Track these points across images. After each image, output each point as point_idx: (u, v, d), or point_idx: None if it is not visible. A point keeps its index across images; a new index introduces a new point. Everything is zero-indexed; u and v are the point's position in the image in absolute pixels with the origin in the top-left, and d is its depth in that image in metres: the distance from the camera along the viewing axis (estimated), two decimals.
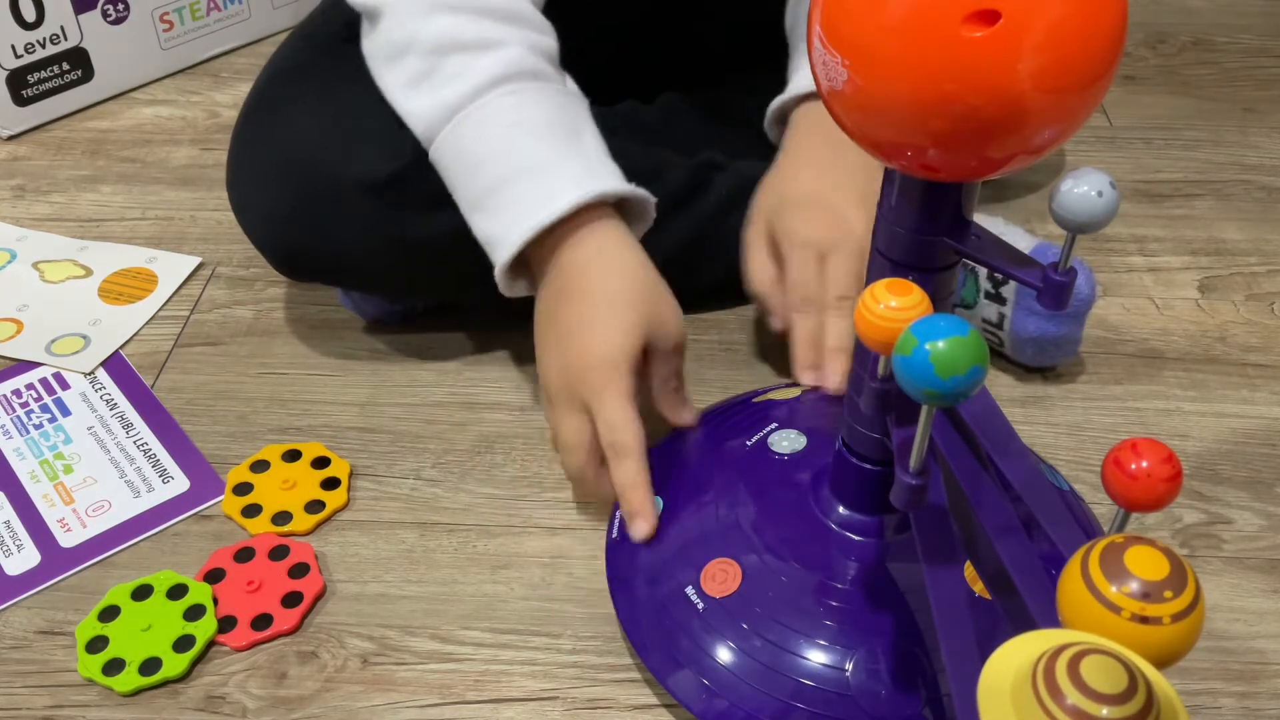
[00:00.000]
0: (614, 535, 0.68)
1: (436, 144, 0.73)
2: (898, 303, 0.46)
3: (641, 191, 0.72)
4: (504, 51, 0.72)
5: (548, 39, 0.75)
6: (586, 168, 0.71)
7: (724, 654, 0.60)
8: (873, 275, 0.55)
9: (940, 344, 0.40)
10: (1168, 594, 0.34)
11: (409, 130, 0.74)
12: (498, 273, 0.71)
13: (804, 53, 0.83)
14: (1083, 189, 0.46)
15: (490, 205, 0.71)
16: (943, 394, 0.40)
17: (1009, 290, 0.81)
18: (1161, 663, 0.35)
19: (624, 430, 0.67)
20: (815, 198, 0.76)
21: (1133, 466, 0.39)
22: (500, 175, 0.71)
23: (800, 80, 0.82)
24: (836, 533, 0.63)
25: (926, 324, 0.40)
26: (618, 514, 0.68)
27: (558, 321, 0.70)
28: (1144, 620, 0.34)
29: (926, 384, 0.40)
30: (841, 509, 0.63)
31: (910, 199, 0.51)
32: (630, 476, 0.66)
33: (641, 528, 0.66)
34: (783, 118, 0.84)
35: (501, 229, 0.70)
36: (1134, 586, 0.34)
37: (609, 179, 0.71)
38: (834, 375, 0.73)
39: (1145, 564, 0.35)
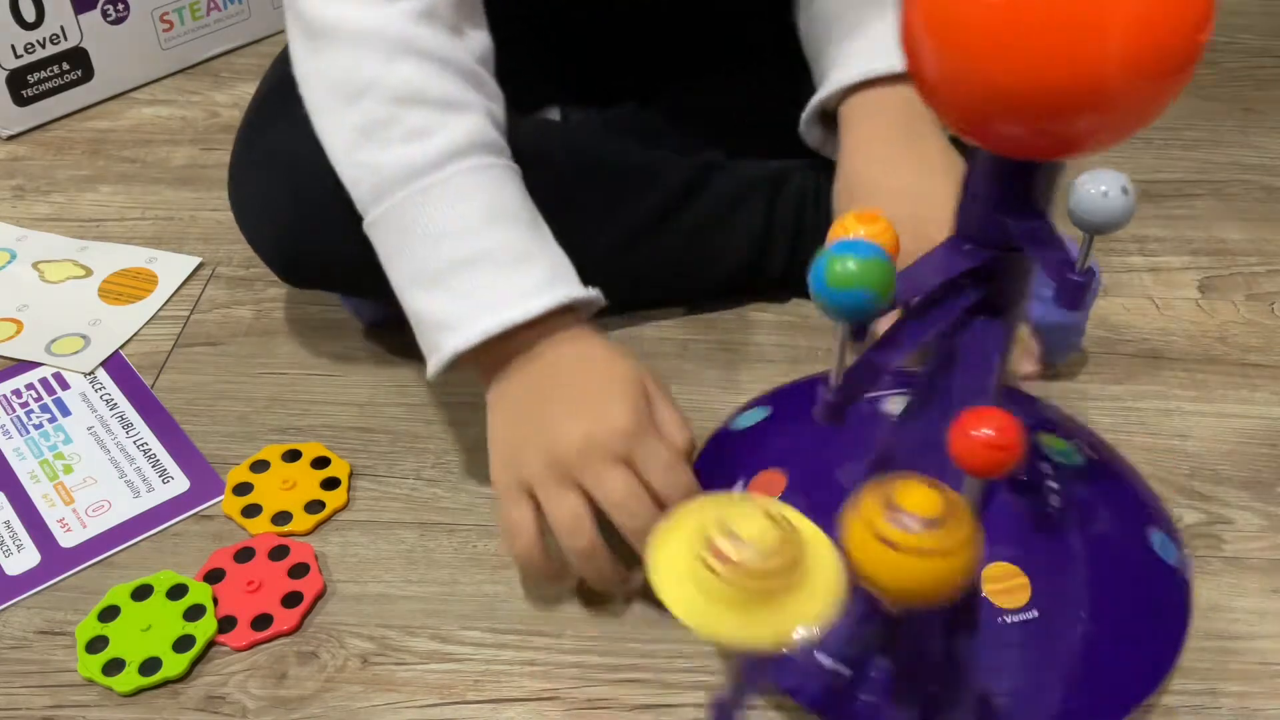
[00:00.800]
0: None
1: (390, 204, 0.68)
2: (865, 231, 0.47)
3: (598, 294, 0.69)
4: (468, 118, 0.69)
5: (500, 109, 0.72)
6: (554, 266, 0.68)
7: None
8: (940, 249, 0.55)
9: (839, 256, 0.43)
10: (941, 529, 0.37)
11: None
12: (441, 356, 0.67)
13: (837, 51, 0.80)
14: (1100, 189, 0.46)
15: (450, 285, 0.67)
16: (826, 302, 0.43)
17: None
18: (937, 593, 0.37)
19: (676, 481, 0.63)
20: (903, 190, 0.73)
21: (973, 433, 0.40)
22: (466, 255, 0.67)
23: (841, 74, 0.79)
24: None
25: (850, 244, 0.43)
26: None
27: (545, 411, 0.65)
28: (920, 553, 0.37)
29: (818, 289, 0.43)
30: None
31: (983, 172, 0.51)
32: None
33: None
34: (824, 116, 0.82)
35: (462, 313, 0.66)
36: (910, 522, 0.37)
37: (575, 282, 0.69)
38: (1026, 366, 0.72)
39: (920, 501, 0.37)
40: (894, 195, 0.72)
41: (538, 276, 0.67)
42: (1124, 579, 0.62)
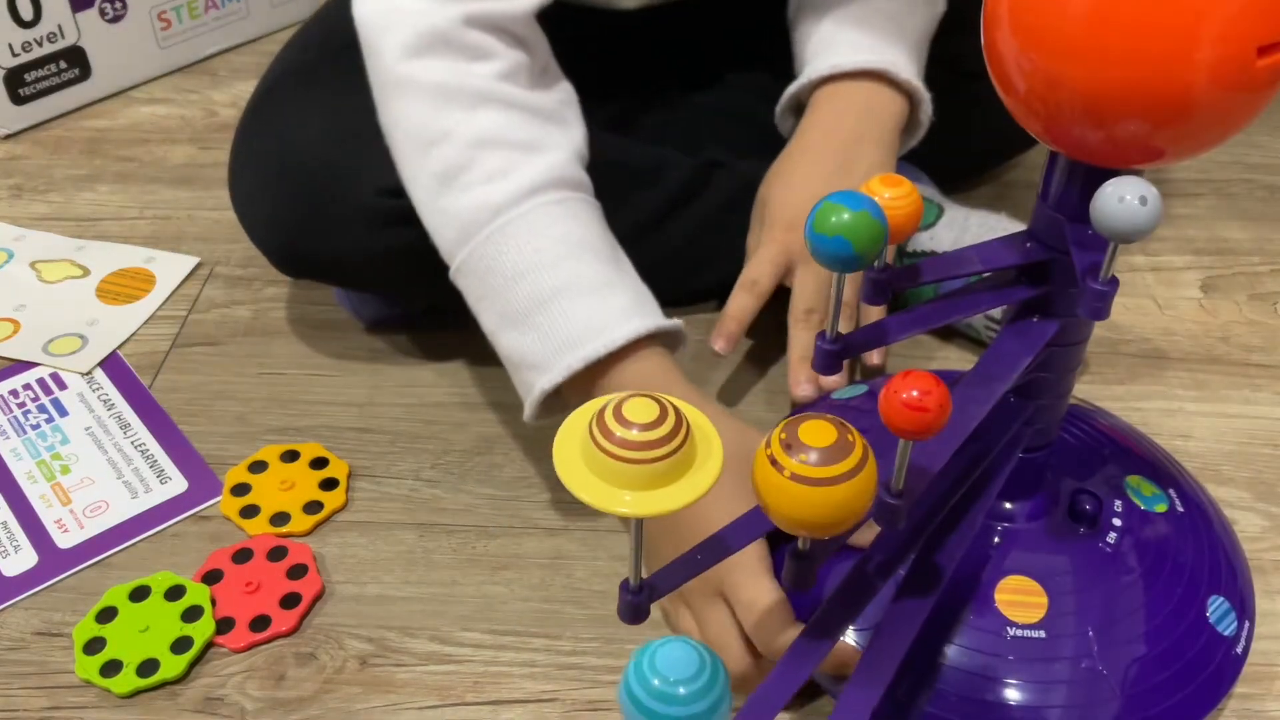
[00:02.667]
0: None
1: (472, 247, 0.67)
2: (891, 194, 0.48)
3: (680, 324, 0.69)
4: (548, 156, 0.68)
5: (584, 146, 0.72)
6: (637, 296, 0.68)
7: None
8: (1000, 240, 0.56)
9: (834, 204, 0.44)
10: (842, 453, 0.39)
11: None
12: (533, 398, 0.66)
13: (817, 39, 0.82)
14: (1125, 196, 0.45)
15: (532, 323, 0.66)
16: (812, 246, 0.45)
17: None
18: (832, 520, 0.40)
19: (780, 604, 0.59)
20: (806, 199, 0.76)
21: (904, 395, 0.40)
22: (546, 291, 0.65)
23: (814, 65, 0.80)
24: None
25: (849, 196, 0.45)
26: None
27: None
28: (814, 482, 0.39)
29: (807, 232, 0.45)
30: (1001, 504, 0.63)
31: (1058, 176, 0.52)
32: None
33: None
34: (797, 107, 0.83)
35: (546, 351, 0.65)
36: (807, 455, 0.39)
37: (656, 312, 0.68)
38: (807, 387, 0.74)
39: (816, 435, 0.39)
40: (794, 190, 0.76)
41: (617, 307, 0.66)
42: (1157, 633, 0.60)
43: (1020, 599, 0.60)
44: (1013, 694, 0.58)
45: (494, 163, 0.67)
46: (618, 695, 0.40)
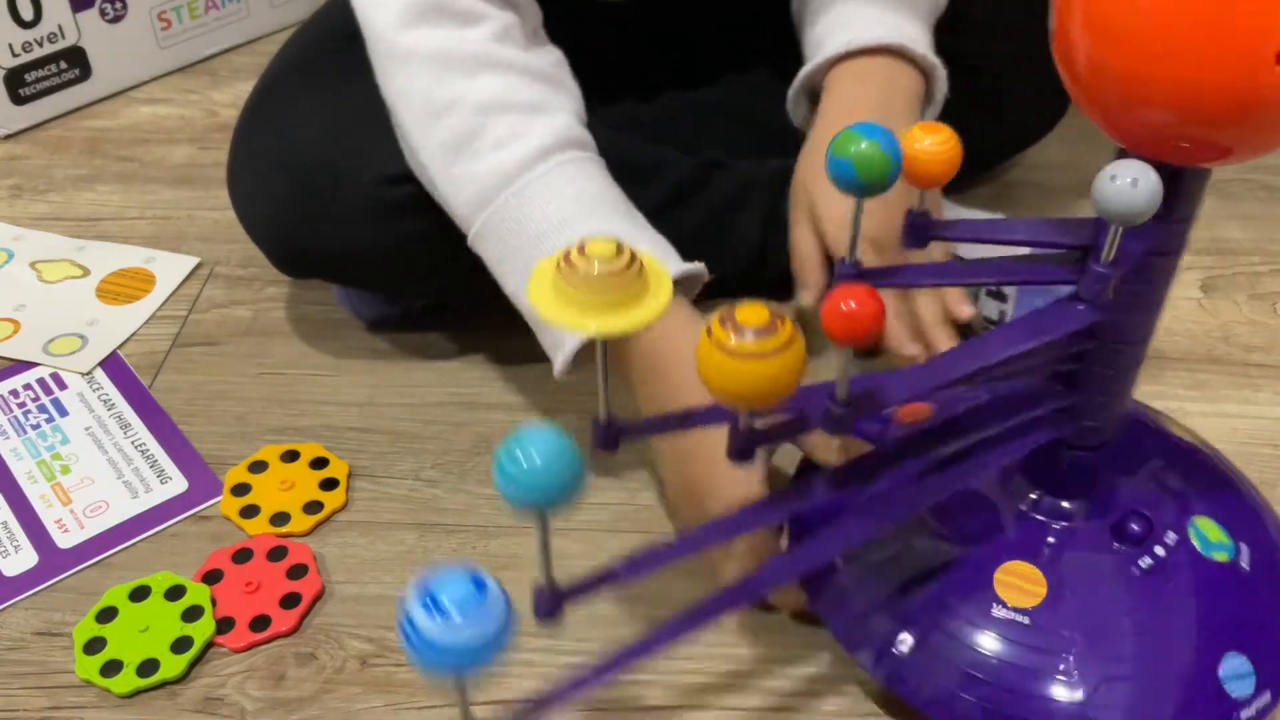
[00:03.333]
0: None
1: (489, 213, 0.68)
2: (931, 140, 0.50)
3: (701, 267, 0.70)
4: (555, 117, 0.69)
5: (581, 108, 0.73)
6: (656, 246, 0.69)
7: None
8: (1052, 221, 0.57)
9: (856, 132, 0.48)
10: (773, 331, 0.44)
11: None
12: (565, 353, 0.67)
13: (827, 20, 0.81)
14: (1123, 179, 0.46)
15: None
16: (829, 167, 0.49)
17: (1010, 288, 0.81)
18: (766, 390, 0.45)
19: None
20: None
21: (841, 306, 0.44)
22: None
23: (829, 44, 0.79)
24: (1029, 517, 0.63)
25: (872, 128, 0.48)
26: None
27: (677, 451, 0.67)
28: (748, 356, 0.44)
29: (829, 154, 0.48)
30: (1049, 499, 0.63)
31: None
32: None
33: None
34: (809, 93, 0.82)
35: None
36: (744, 334, 0.44)
37: (676, 258, 0.69)
38: (945, 344, 0.73)
39: (750, 316, 0.44)
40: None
41: None
42: (1147, 662, 0.59)
43: (1020, 583, 0.60)
44: (980, 664, 0.59)
45: (503, 128, 0.68)
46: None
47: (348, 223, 0.76)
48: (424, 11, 0.68)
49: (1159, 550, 0.62)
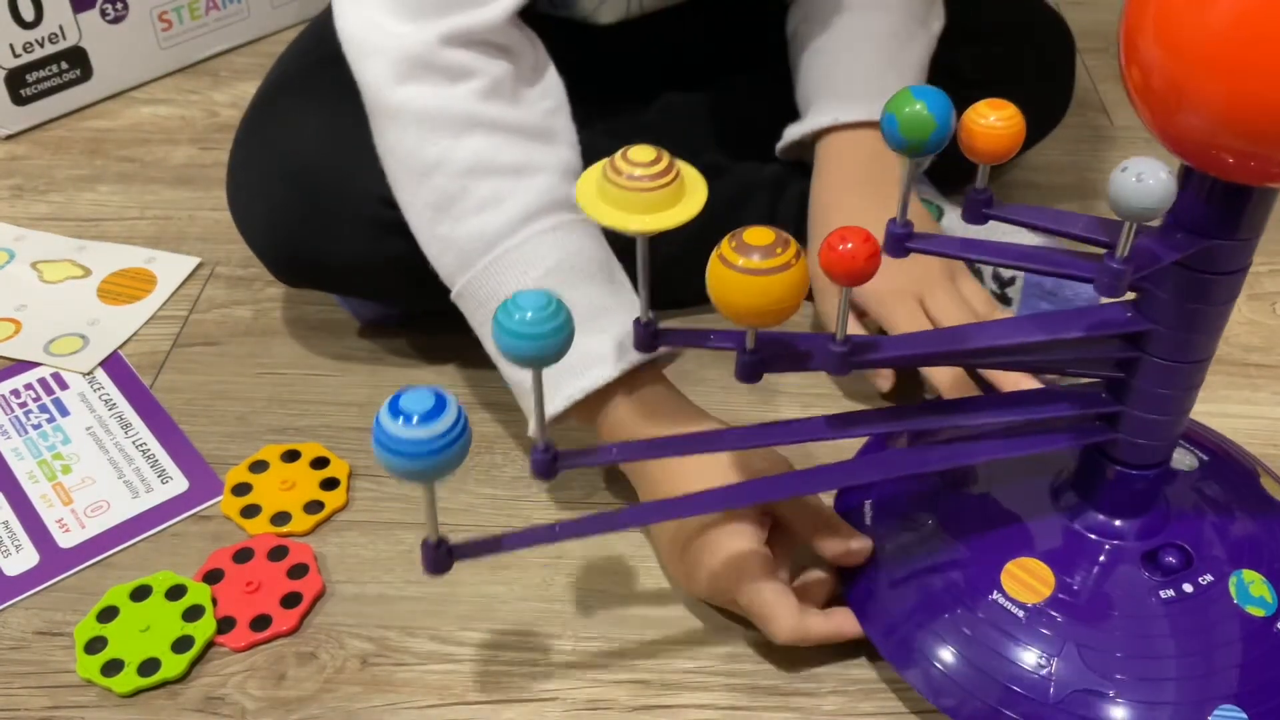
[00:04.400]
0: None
1: (471, 276, 0.69)
2: (995, 116, 0.51)
3: (678, 351, 0.69)
4: (539, 178, 0.68)
5: (575, 154, 0.72)
6: (627, 322, 0.67)
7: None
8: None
9: (915, 95, 0.50)
10: (777, 251, 0.50)
11: None
12: (540, 421, 0.66)
13: (815, 76, 0.83)
14: (1136, 176, 0.46)
15: None
16: (884, 127, 0.51)
17: (1014, 290, 0.81)
18: (774, 305, 0.50)
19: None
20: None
21: (840, 247, 0.49)
22: None
23: (814, 113, 0.82)
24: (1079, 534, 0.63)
25: (929, 92, 0.50)
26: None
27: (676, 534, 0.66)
28: (754, 272, 0.49)
29: (883, 116, 0.51)
30: (1092, 512, 0.63)
31: (1191, 192, 0.52)
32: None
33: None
34: (801, 144, 0.84)
35: (548, 381, 0.65)
36: (751, 253, 0.50)
37: (632, 351, 0.67)
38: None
39: (756, 236, 0.50)
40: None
41: (613, 335, 0.66)
42: (1130, 685, 0.58)
43: (1027, 579, 0.61)
44: (966, 645, 0.59)
45: (485, 191, 0.67)
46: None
47: (346, 237, 0.76)
48: (413, 68, 0.68)
49: (1187, 588, 0.60)
